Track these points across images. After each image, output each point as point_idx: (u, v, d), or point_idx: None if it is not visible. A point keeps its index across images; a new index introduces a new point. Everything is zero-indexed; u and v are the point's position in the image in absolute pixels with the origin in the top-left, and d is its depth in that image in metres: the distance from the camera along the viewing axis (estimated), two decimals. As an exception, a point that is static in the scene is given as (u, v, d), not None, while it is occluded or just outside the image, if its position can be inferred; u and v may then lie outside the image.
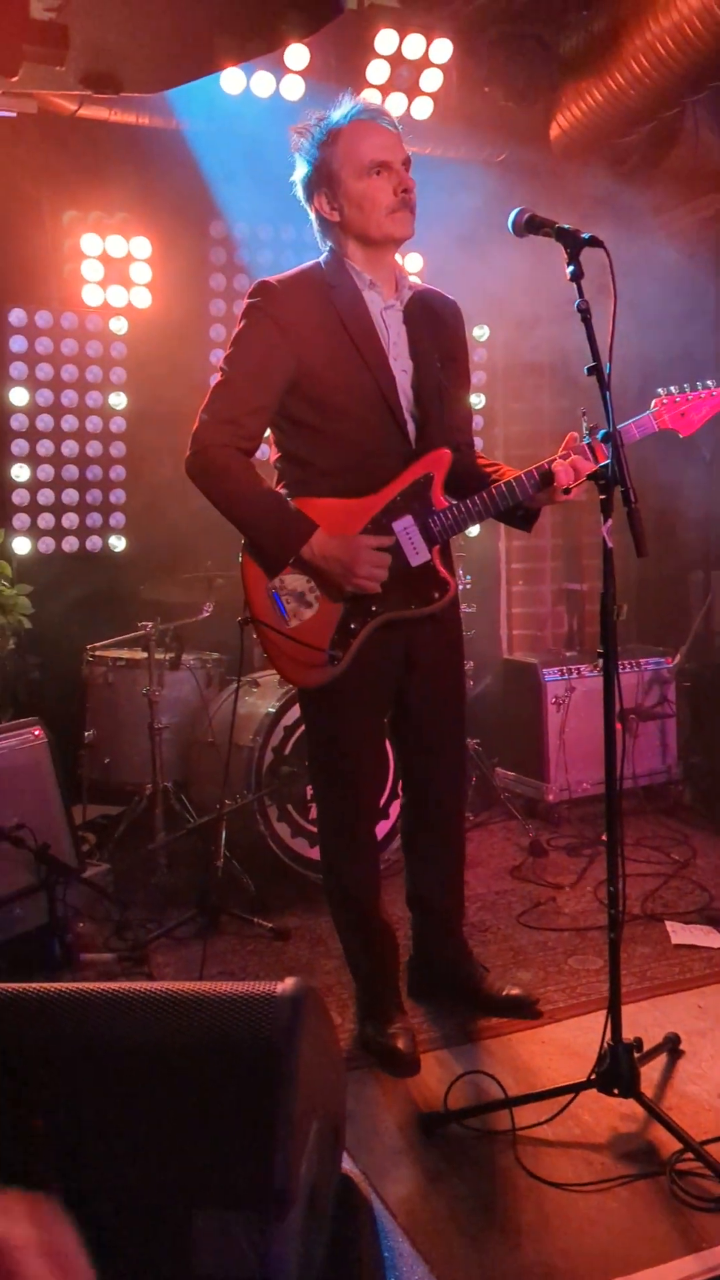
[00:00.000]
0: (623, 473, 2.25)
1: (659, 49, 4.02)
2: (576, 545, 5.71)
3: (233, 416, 2.45)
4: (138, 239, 4.69)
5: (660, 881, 3.84)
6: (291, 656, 2.53)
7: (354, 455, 2.51)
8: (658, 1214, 2.05)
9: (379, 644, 2.56)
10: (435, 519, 2.52)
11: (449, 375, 2.62)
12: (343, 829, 2.72)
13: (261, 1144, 0.94)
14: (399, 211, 2.47)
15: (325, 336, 2.47)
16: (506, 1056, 2.66)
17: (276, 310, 2.47)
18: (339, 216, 2.50)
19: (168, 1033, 1.01)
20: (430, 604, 2.57)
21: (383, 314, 2.55)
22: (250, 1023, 1.01)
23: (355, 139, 2.45)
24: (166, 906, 3.65)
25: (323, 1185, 1.10)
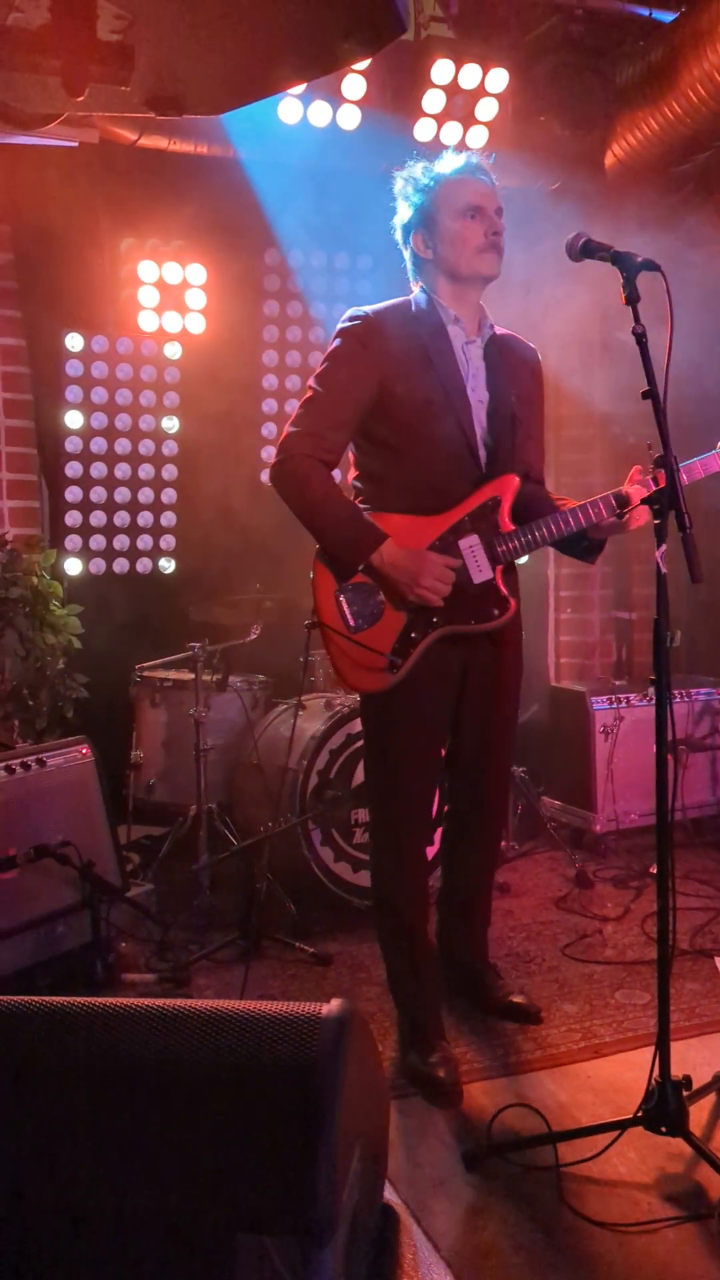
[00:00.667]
0: (678, 497, 2.23)
1: (716, 78, 4.01)
2: (626, 573, 5.66)
3: (318, 430, 2.62)
4: (194, 266, 4.76)
5: (710, 916, 3.76)
6: (354, 660, 2.65)
7: (427, 475, 2.65)
8: (706, 1259, 1.99)
9: (438, 658, 2.66)
10: (500, 540, 2.65)
11: (524, 413, 2.78)
12: (394, 843, 2.79)
13: (304, 1169, 0.92)
14: (487, 252, 2.66)
15: (409, 363, 2.63)
16: (551, 1090, 2.61)
17: (367, 336, 2.64)
18: (432, 254, 2.69)
19: (210, 1051, 0.99)
20: (489, 620, 2.67)
21: (464, 348, 2.71)
22: (294, 1044, 0.99)
23: (457, 186, 2.66)
24: (208, 928, 3.65)
25: (364, 1213, 1.07)
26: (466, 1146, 2.33)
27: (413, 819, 2.80)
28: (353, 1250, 1.00)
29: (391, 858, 2.79)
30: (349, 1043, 1.01)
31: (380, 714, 2.74)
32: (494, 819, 3.04)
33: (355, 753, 3.81)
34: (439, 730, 2.80)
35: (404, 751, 2.73)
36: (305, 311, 5.07)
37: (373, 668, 2.63)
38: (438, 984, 2.87)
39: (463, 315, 2.71)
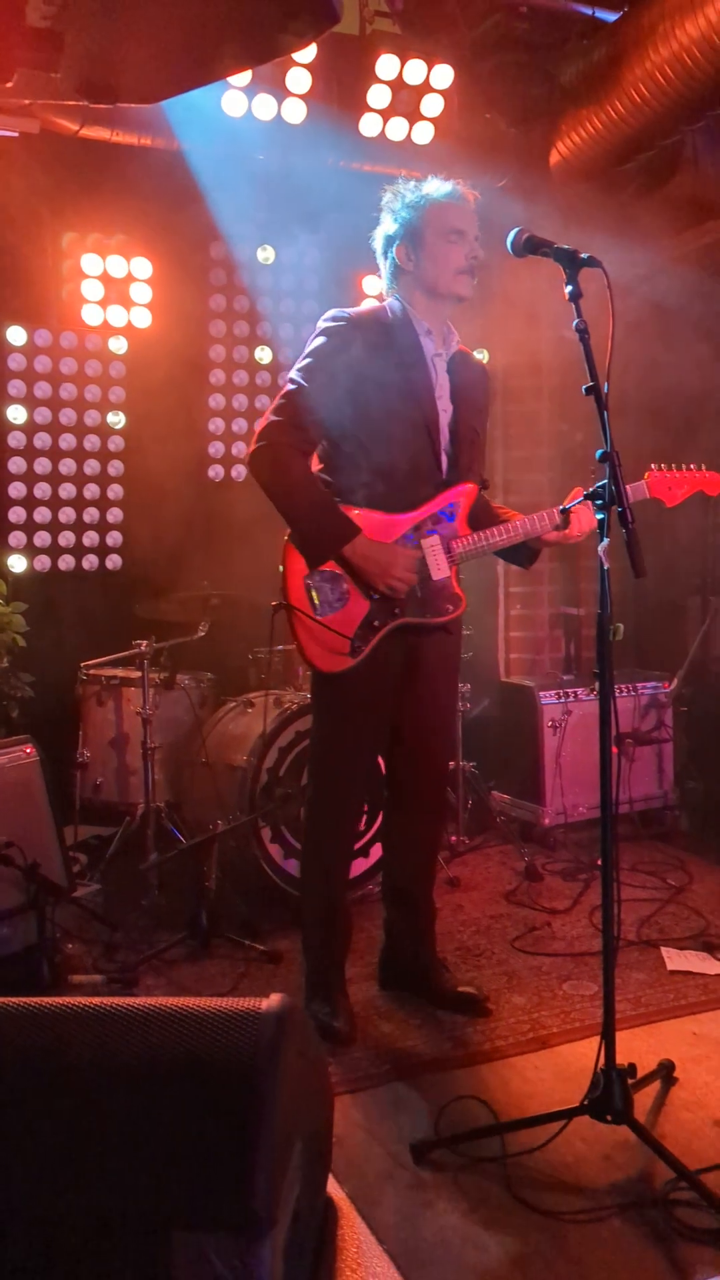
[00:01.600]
0: (620, 493, 2.25)
1: (658, 78, 4.04)
2: (574, 570, 5.70)
3: (297, 420, 2.77)
4: (138, 259, 4.71)
5: (656, 907, 3.81)
6: (319, 642, 2.81)
7: (393, 475, 2.82)
8: (650, 1245, 2.01)
9: (390, 647, 2.85)
10: (458, 541, 2.85)
11: (479, 424, 3.01)
12: (332, 812, 2.99)
13: (242, 1164, 0.91)
14: (464, 275, 2.83)
15: (384, 366, 2.79)
16: (499, 1081, 2.62)
17: (348, 336, 2.80)
18: (413, 267, 2.84)
19: (147, 1049, 0.98)
20: (444, 615, 2.89)
21: (433, 359, 2.88)
22: (232, 1039, 0.98)
23: (445, 209, 2.82)
24: (157, 928, 3.61)
25: (306, 1208, 1.07)
26: (413, 1139, 2.33)
27: (351, 792, 3.01)
28: (294, 1245, 1.00)
29: (328, 828, 2.98)
30: (288, 1038, 1.00)
31: (334, 694, 2.91)
32: (432, 811, 3.13)
33: (305, 750, 3.80)
34: (384, 713, 2.96)
35: (353, 731, 2.92)
36: (252, 306, 5.03)
37: (336, 650, 2.81)
38: (347, 944, 3.04)
39: (433, 328, 2.87)
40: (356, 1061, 2.75)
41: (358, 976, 3.22)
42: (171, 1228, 0.89)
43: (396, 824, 3.12)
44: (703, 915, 3.72)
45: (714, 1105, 2.49)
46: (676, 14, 3.81)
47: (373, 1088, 2.62)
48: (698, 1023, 2.92)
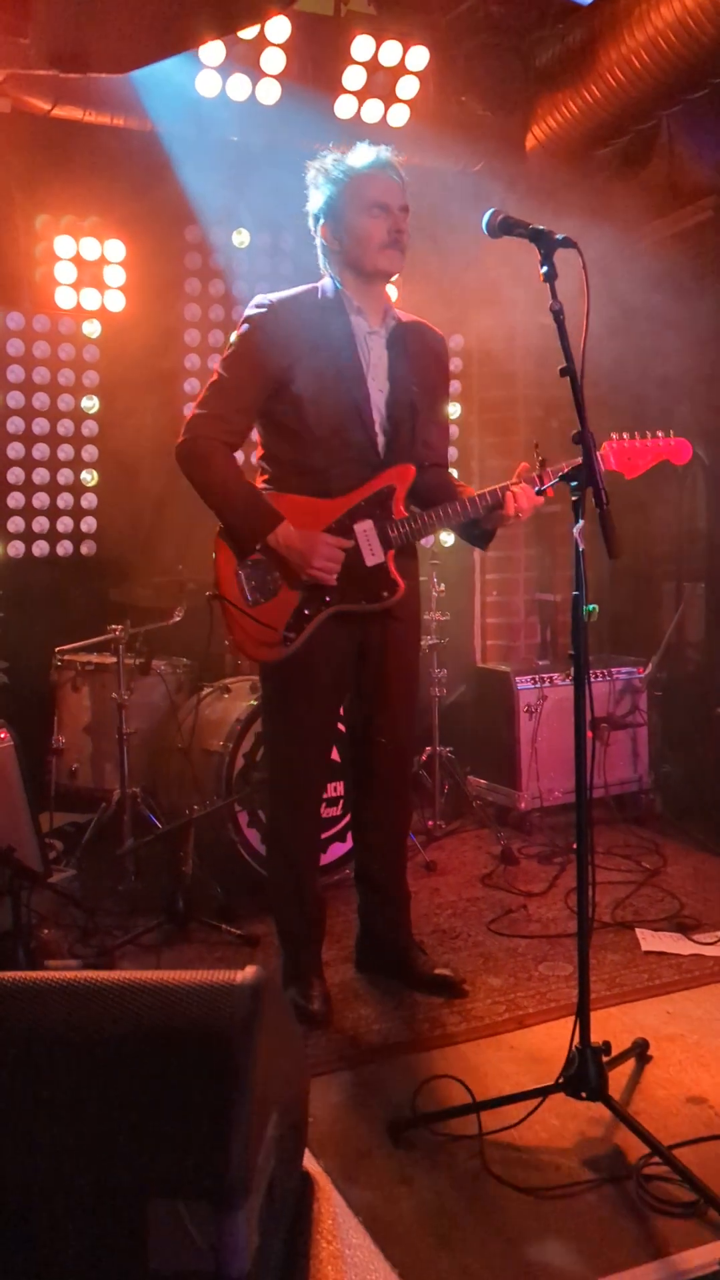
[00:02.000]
0: (595, 474, 2.25)
1: (634, 62, 4.05)
2: (551, 557, 5.72)
3: (222, 413, 2.73)
4: (112, 242, 4.68)
5: (631, 889, 3.84)
6: (250, 633, 2.79)
7: (327, 460, 2.76)
8: (624, 1219, 2.03)
9: (333, 634, 2.81)
10: (393, 525, 2.78)
11: (425, 400, 2.87)
12: (289, 799, 2.96)
13: (217, 1134, 0.91)
14: (390, 249, 2.73)
15: (311, 351, 2.72)
16: (475, 1061, 2.64)
17: (271, 324, 2.73)
18: (339, 245, 2.77)
19: (123, 1021, 0.98)
20: (378, 601, 2.81)
21: (366, 338, 2.80)
22: (208, 1011, 0.98)
23: (365, 182, 2.73)
24: (133, 913, 3.61)
25: (281, 1179, 1.07)
26: (391, 1118, 2.34)
27: (306, 779, 2.96)
28: (269, 1215, 1.00)
29: (286, 816, 2.97)
30: (263, 1010, 1.00)
31: (276, 683, 2.90)
32: (396, 797, 3.10)
33: (281, 734, 3.80)
34: (334, 700, 2.96)
35: (299, 719, 2.89)
36: (227, 290, 5.01)
37: (267, 642, 2.78)
38: (321, 928, 3.04)
39: (366, 306, 2.79)
40: (334, 1043, 2.76)
41: (335, 959, 3.23)
42: (147, 1197, 0.88)
43: (362, 811, 3.11)
44: (677, 897, 3.75)
45: (687, 1082, 2.51)
46: (652, -3, 3.82)
47: (350, 1068, 2.63)
48: (671, 1002, 2.94)
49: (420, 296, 5.33)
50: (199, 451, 2.72)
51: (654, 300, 4.93)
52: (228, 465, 2.75)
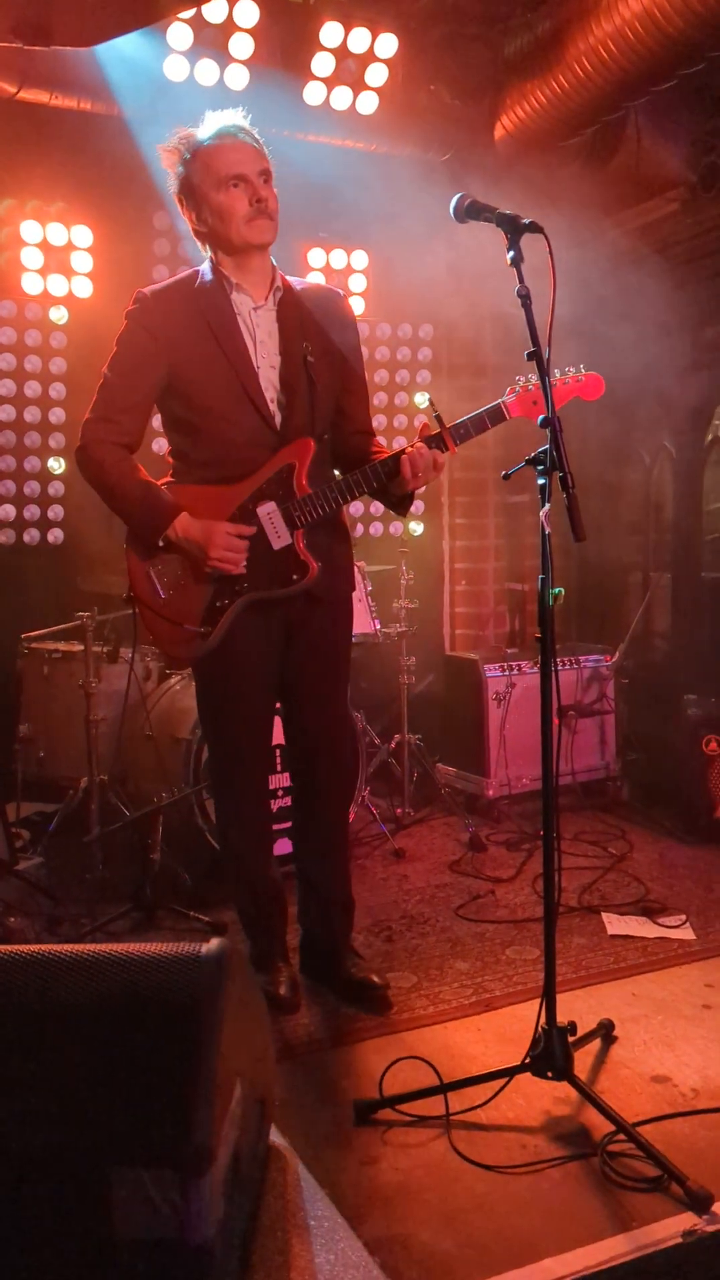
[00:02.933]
0: (562, 458, 2.26)
1: (601, 53, 4.06)
2: (519, 546, 5.75)
3: (109, 415, 2.69)
4: (79, 227, 4.64)
5: (597, 874, 3.87)
6: (165, 634, 2.75)
7: (223, 447, 2.70)
8: (589, 1195, 2.05)
9: (255, 622, 2.75)
10: (295, 505, 2.70)
11: (326, 369, 2.75)
12: (230, 794, 2.94)
13: (182, 1102, 0.92)
14: (256, 220, 2.62)
15: (193, 339, 2.66)
16: (443, 1043, 2.66)
17: (147, 318, 2.68)
18: (205, 227, 2.68)
19: (91, 992, 0.98)
20: (289, 585, 2.73)
21: (251, 314, 2.71)
22: (174, 981, 0.99)
23: (214, 155, 2.61)
24: (101, 901, 3.59)
25: (247, 1150, 1.08)
26: (358, 1100, 2.35)
27: (245, 770, 2.91)
28: (234, 1185, 1.01)
29: (229, 808, 2.95)
30: (228, 980, 1.01)
31: (204, 678, 2.86)
32: (328, 790, 2.94)
33: (249, 721, 3.80)
34: (265, 688, 2.86)
35: (231, 712, 2.84)
36: (196, 278, 4.98)
37: (183, 639, 2.73)
38: (281, 915, 3.01)
39: (246, 282, 2.70)
40: (303, 1027, 2.77)
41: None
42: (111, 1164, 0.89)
43: (298, 807, 3.02)
44: (642, 882, 3.79)
45: (651, 1062, 2.54)
46: (619, -12, 3.83)
47: (319, 1052, 2.64)
48: (636, 984, 2.97)
49: (389, 285, 5.34)
50: (92, 457, 2.67)
51: (620, 291, 4.96)
52: (120, 466, 2.67)
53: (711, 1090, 2.40)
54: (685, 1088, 2.42)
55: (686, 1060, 2.54)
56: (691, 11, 3.66)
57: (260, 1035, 1.20)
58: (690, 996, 2.88)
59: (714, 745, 4.21)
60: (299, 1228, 1.08)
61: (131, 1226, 0.88)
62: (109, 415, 2.68)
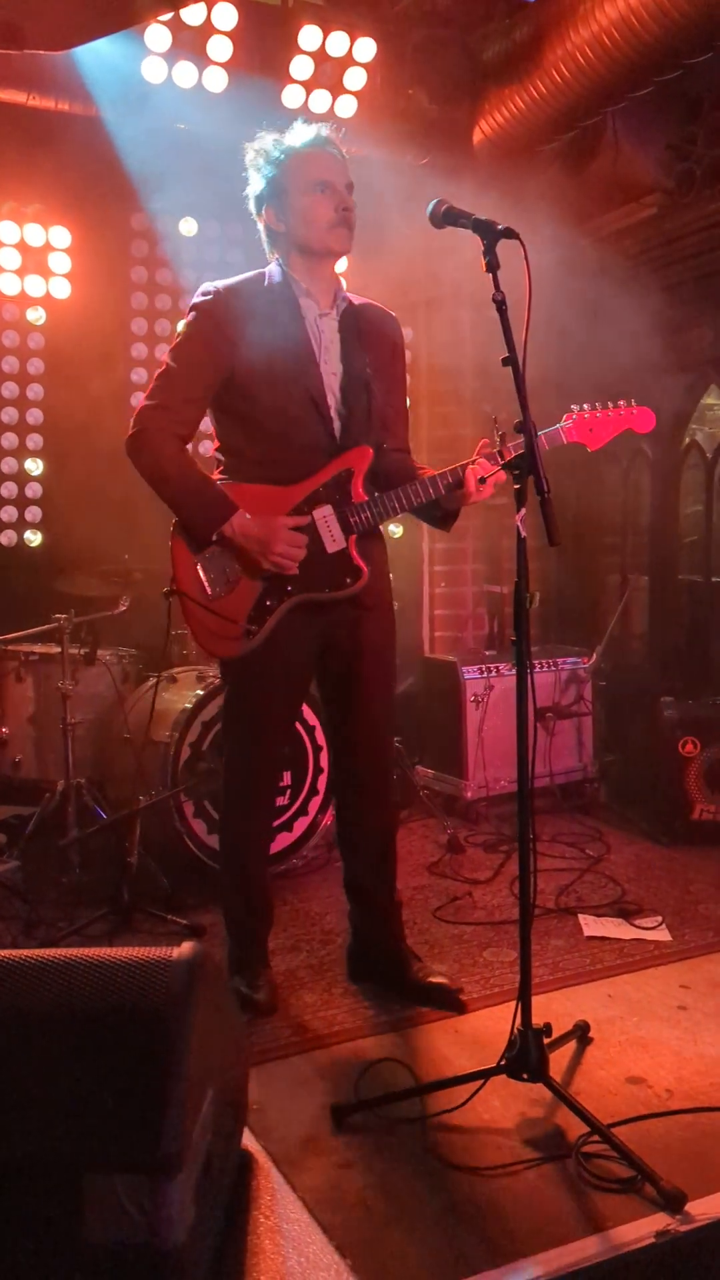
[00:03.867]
0: (536, 462, 2.27)
1: (579, 59, 4.09)
2: (497, 549, 5.77)
3: (171, 404, 2.66)
4: (56, 228, 4.63)
5: (574, 876, 3.89)
6: (210, 628, 2.70)
7: (281, 447, 2.70)
8: (564, 1196, 2.06)
9: (297, 627, 2.72)
10: (352, 510, 2.70)
11: (381, 383, 2.80)
12: (243, 795, 2.90)
13: (153, 1107, 0.92)
14: (338, 228, 2.68)
15: (260, 337, 2.65)
16: (419, 1046, 2.66)
17: (217, 311, 2.68)
18: (284, 228, 2.71)
19: (61, 997, 0.98)
20: (342, 589, 2.73)
21: (317, 321, 2.75)
22: (145, 986, 0.99)
23: (306, 161, 2.68)
24: (78, 905, 3.57)
25: (219, 1155, 1.08)
26: (334, 1103, 2.35)
27: (262, 775, 2.91)
28: (206, 1191, 1.01)
29: (240, 808, 2.92)
30: (199, 985, 1.01)
31: (238, 678, 2.83)
32: (379, 798, 2.97)
33: (227, 724, 3.79)
34: (295, 696, 2.90)
35: (260, 714, 2.83)
36: (175, 279, 4.98)
37: (228, 636, 2.70)
38: (268, 920, 3.01)
39: (315, 289, 2.74)
40: (278, 1030, 2.77)
41: (280, 948, 3.24)
42: (83, 1170, 0.89)
43: (346, 816, 3.00)
44: (619, 883, 3.81)
45: (627, 1063, 2.55)
46: (596, -6, 3.85)
47: (294, 1055, 2.63)
48: (612, 985, 2.99)
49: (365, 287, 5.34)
50: (149, 444, 2.64)
51: (596, 295, 5.00)
52: (179, 456, 2.67)
53: (686, 1091, 2.42)
54: (660, 1089, 2.44)
55: (661, 1061, 2.56)
56: (667, 18, 3.69)
57: (233, 1039, 1.20)
58: (666, 998, 2.90)
59: (690, 747, 4.24)
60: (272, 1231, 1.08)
61: (102, 1231, 0.88)
62: (169, 404, 2.65)
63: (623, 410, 2.80)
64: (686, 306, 5.05)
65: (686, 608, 5.27)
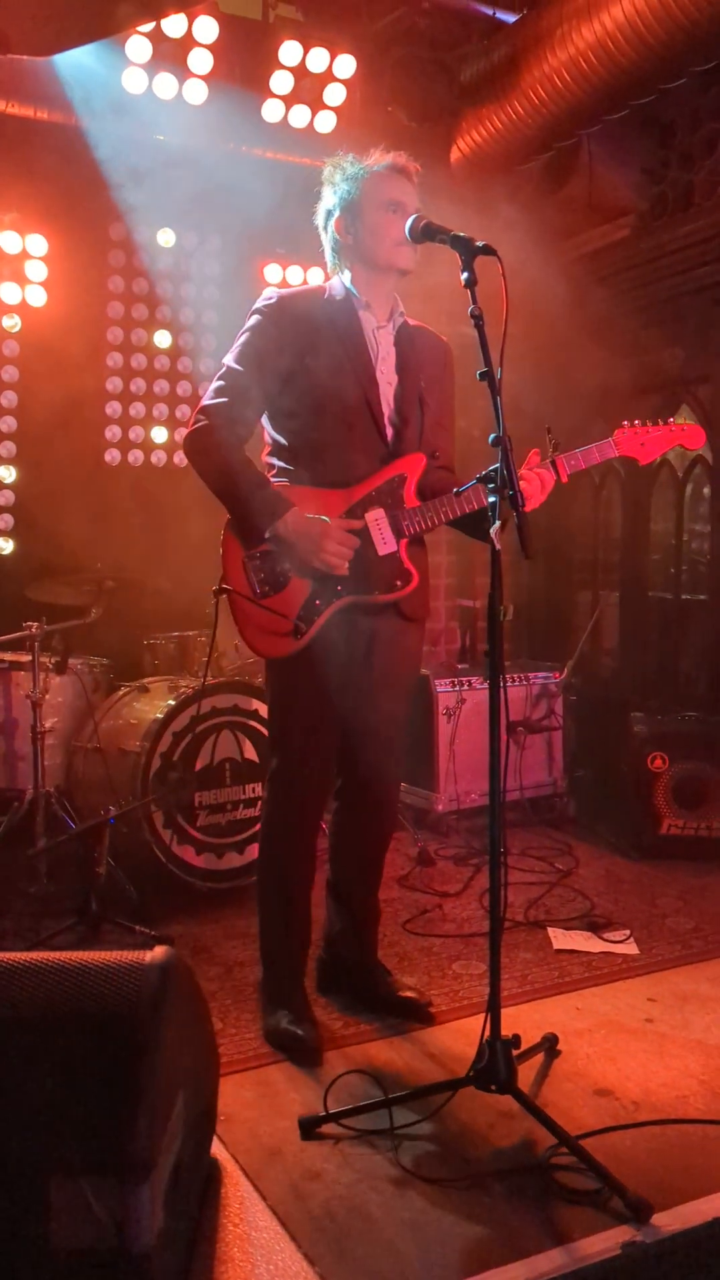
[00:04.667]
0: (512, 476, 2.29)
1: (555, 81, 4.14)
2: (469, 563, 5.80)
3: (231, 402, 2.70)
4: (33, 236, 4.61)
5: (544, 890, 3.90)
6: (259, 625, 2.71)
7: (335, 450, 2.74)
8: (532, 1207, 2.06)
9: (342, 629, 2.74)
10: (404, 515, 2.74)
11: (433, 398, 2.86)
12: (289, 804, 2.83)
13: (123, 1111, 0.91)
14: (404, 246, 2.73)
15: (320, 342, 2.72)
16: (388, 1058, 2.66)
17: (281, 315, 2.75)
18: (352, 240, 2.78)
19: (33, 999, 0.98)
20: (393, 592, 2.75)
21: (375, 332, 2.80)
22: (117, 989, 0.98)
23: (384, 180, 2.76)
24: (45, 915, 3.54)
25: (189, 1162, 1.07)
26: (303, 1116, 2.34)
27: (309, 782, 2.84)
28: (176, 1196, 1.00)
29: (285, 819, 2.84)
30: (172, 989, 1.01)
31: (285, 679, 2.80)
32: (383, 808, 2.99)
33: (199, 735, 3.79)
34: (342, 698, 2.81)
35: (307, 716, 2.78)
36: (152, 289, 4.97)
37: (278, 632, 2.70)
38: (306, 949, 2.90)
39: (374, 301, 2.80)
40: (247, 1041, 2.75)
41: (250, 959, 3.22)
42: (51, 1174, 0.88)
43: (344, 820, 2.97)
44: (588, 897, 3.82)
45: (595, 1075, 2.56)
46: (574, 18, 3.91)
47: (263, 1066, 2.62)
48: (581, 998, 3.00)
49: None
50: (209, 439, 2.68)
51: (571, 314, 5.05)
52: (236, 453, 2.70)
53: (653, 1103, 2.43)
54: (627, 1101, 2.45)
55: (629, 1074, 2.57)
56: (643, 43, 3.74)
57: (204, 1046, 1.20)
58: (633, 1010, 2.92)
59: (659, 762, 4.27)
60: (240, 1239, 1.08)
61: (70, 1236, 0.87)
62: (231, 403, 2.69)
63: (674, 427, 2.86)
64: (659, 327, 5.11)
65: (656, 624, 5.32)
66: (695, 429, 2.91)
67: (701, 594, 5.06)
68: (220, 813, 3.80)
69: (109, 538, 4.39)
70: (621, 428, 2.82)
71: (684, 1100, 2.44)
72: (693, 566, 5.10)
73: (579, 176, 5.00)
